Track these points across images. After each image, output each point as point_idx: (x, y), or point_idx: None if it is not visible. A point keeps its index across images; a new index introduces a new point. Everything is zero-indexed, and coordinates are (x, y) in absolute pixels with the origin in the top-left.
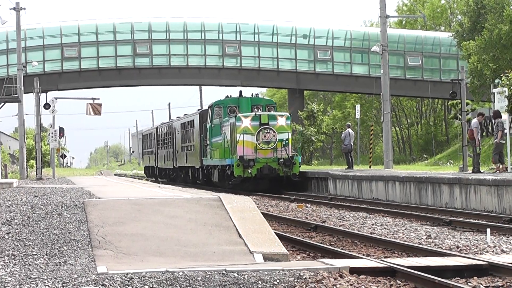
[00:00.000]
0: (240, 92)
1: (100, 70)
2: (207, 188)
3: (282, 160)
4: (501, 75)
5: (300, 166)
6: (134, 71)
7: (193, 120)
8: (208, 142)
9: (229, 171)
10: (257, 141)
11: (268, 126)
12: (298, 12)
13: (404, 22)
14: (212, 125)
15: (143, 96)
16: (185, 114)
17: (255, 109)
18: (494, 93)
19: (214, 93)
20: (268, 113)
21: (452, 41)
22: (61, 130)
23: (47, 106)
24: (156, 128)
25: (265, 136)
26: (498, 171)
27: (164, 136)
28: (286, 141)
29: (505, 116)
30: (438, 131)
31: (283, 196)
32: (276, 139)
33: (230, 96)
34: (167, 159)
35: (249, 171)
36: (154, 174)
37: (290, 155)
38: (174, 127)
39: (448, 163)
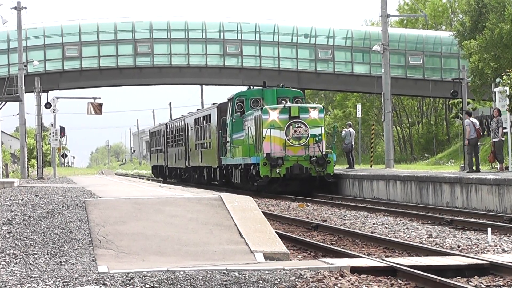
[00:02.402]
0: (264, 83)
1: (101, 70)
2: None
3: (314, 158)
4: (502, 74)
5: (334, 165)
6: (135, 70)
7: (210, 115)
8: (228, 139)
9: (253, 171)
10: (286, 136)
11: (299, 120)
12: (299, 12)
13: (405, 21)
14: (233, 120)
15: (144, 96)
16: (197, 110)
17: (282, 102)
18: (495, 92)
19: (215, 93)
20: (299, 105)
21: (453, 40)
22: (62, 130)
23: (48, 105)
24: (166, 125)
25: (295, 131)
26: (502, 170)
27: (175, 133)
28: (320, 137)
29: (506, 116)
30: (439, 130)
31: (283, 195)
32: (308, 134)
33: (253, 87)
34: (178, 158)
35: (277, 171)
36: (163, 174)
37: (324, 152)
38: (187, 123)
39: (449, 162)
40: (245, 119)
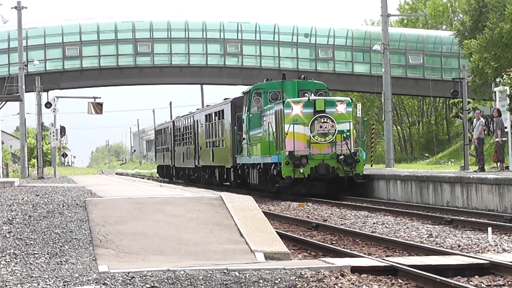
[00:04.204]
0: (284, 74)
1: (101, 69)
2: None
3: (342, 156)
4: (503, 73)
5: (364, 165)
6: (136, 70)
7: (223, 110)
8: (245, 136)
9: (274, 171)
10: (311, 133)
11: (325, 114)
12: (299, 11)
13: (405, 20)
14: (250, 115)
15: (144, 95)
16: (207, 105)
17: (305, 95)
18: (495, 92)
19: (216, 92)
20: (325, 98)
21: (454, 40)
22: (62, 129)
23: (48, 105)
24: (173, 122)
25: (321, 127)
26: (503, 170)
27: (183, 131)
28: (348, 133)
29: (506, 115)
30: (439, 130)
31: (283, 195)
32: (335, 130)
33: (271, 79)
34: (186, 157)
35: (301, 171)
36: (169, 174)
37: (353, 150)
38: (196, 120)
39: (449, 162)
40: (263, 114)
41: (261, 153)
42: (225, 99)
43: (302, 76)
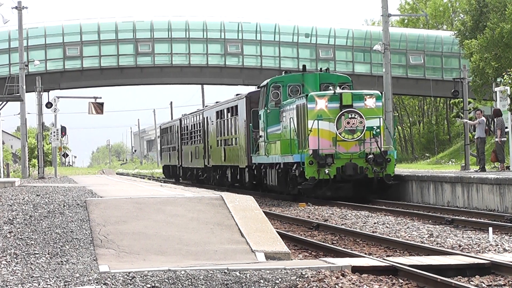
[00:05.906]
0: (304, 66)
1: (102, 69)
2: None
3: (371, 156)
4: (503, 73)
5: (395, 165)
6: (136, 70)
7: (236, 106)
8: (262, 133)
9: (296, 172)
10: (337, 129)
11: (352, 109)
12: (300, 11)
13: (406, 20)
14: (268, 110)
15: (145, 95)
16: (216, 102)
17: (329, 88)
18: (496, 92)
19: (216, 92)
20: (353, 91)
21: (454, 40)
22: (63, 129)
23: (49, 105)
24: (180, 120)
25: (348, 123)
26: (503, 170)
27: (192, 129)
28: (378, 130)
29: (507, 115)
30: (440, 130)
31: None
32: (364, 126)
33: (289, 72)
34: (195, 156)
35: (326, 171)
36: (175, 174)
37: (383, 149)
38: (206, 117)
39: (450, 162)
40: (282, 109)
41: (281, 152)
42: (237, 94)
43: (325, 68)
